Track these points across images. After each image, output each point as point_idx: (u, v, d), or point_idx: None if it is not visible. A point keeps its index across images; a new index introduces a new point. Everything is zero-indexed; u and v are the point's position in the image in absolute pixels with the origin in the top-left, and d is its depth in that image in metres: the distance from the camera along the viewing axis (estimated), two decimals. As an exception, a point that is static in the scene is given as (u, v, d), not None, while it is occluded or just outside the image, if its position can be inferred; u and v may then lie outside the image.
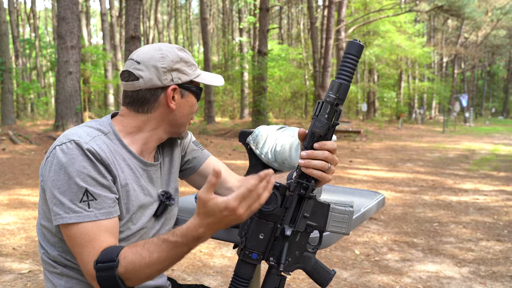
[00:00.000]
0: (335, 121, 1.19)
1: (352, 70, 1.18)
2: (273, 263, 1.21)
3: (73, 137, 1.32)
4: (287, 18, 45.58)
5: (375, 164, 11.20)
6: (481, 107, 60.85)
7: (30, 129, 15.77)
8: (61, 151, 1.30)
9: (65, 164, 1.27)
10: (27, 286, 3.42)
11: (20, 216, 5.36)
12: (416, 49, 31.70)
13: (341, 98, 1.18)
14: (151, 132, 1.47)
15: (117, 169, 1.37)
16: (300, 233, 1.23)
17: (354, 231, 5.02)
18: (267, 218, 1.19)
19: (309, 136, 1.20)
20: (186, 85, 1.47)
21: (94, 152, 1.30)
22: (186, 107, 1.48)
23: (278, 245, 1.22)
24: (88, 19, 35.04)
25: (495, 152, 14.46)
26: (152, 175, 1.51)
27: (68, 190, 1.26)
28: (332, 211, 1.23)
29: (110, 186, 1.32)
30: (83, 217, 1.25)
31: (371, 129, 24.18)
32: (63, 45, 12.71)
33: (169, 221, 1.59)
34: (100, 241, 1.25)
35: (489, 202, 6.71)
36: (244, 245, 1.20)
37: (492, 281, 3.69)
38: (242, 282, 1.21)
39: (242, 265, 1.21)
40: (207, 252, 4.27)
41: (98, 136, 1.37)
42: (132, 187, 1.41)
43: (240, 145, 15.26)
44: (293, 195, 1.21)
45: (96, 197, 1.27)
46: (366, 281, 3.67)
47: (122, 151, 1.42)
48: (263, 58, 18.17)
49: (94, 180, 1.28)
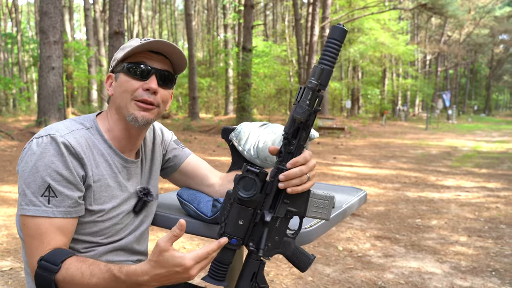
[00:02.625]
0: (316, 107, 1.17)
1: (335, 55, 1.16)
2: (252, 248, 1.21)
3: (50, 131, 1.33)
4: (272, 14, 45.60)
5: (358, 160, 11.27)
6: (464, 104, 61.49)
7: (12, 125, 15.59)
8: (36, 144, 1.31)
9: (36, 157, 1.29)
10: (8, 283, 3.38)
11: (2, 213, 5.30)
12: (400, 47, 31.94)
13: (323, 84, 1.16)
14: (111, 122, 1.47)
15: (91, 163, 1.38)
16: (280, 219, 1.23)
17: (337, 227, 5.05)
18: (246, 204, 1.19)
19: (290, 122, 1.18)
20: (116, 68, 1.45)
21: (68, 145, 1.31)
22: (118, 88, 1.43)
23: (258, 231, 1.21)
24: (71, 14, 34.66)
25: (477, 149, 14.63)
26: (132, 171, 1.52)
27: (32, 182, 1.28)
28: (313, 197, 1.23)
29: (76, 183, 1.32)
30: (40, 211, 1.27)
31: (355, 126, 24.33)
32: (46, 40, 12.56)
33: (147, 218, 1.60)
34: (50, 238, 1.27)
35: (470, 199, 6.79)
36: (223, 230, 1.20)
37: (472, 276, 3.74)
38: (222, 267, 1.21)
39: (222, 250, 1.21)
40: (190, 249, 4.27)
41: (78, 130, 1.38)
42: (106, 183, 1.42)
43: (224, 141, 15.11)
44: (273, 181, 1.20)
45: (58, 195, 1.28)
46: (349, 276, 3.69)
47: (103, 146, 1.43)
48: (247, 55, 18.15)
49: (60, 175, 1.28)
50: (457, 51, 46.51)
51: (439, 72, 48.82)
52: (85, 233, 1.40)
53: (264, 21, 41.22)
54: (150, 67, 1.41)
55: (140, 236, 1.58)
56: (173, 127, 17.99)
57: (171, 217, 1.61)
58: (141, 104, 1.41)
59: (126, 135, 1.48)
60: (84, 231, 1.40)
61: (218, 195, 1.63)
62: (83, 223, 1.39)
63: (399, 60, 37.95)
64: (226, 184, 1.65)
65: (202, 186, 1.69)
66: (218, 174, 1.74)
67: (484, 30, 49.52)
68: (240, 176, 1.17)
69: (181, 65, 1.50)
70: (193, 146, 12.95)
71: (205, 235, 1.54)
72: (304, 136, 1.19)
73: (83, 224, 1.39)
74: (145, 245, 1.64)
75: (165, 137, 1.72)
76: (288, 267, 3.81)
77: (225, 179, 1.68)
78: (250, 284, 1.24)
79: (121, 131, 1.47)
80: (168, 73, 1.46)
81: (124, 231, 1.50)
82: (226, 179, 1.67)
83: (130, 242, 1.53)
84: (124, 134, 1.47)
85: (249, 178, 1.17)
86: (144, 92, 1.41)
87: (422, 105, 54.88)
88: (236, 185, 1.17)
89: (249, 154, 1.84)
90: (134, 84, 1.40)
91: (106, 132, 1.46)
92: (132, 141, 1.50)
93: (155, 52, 1.44)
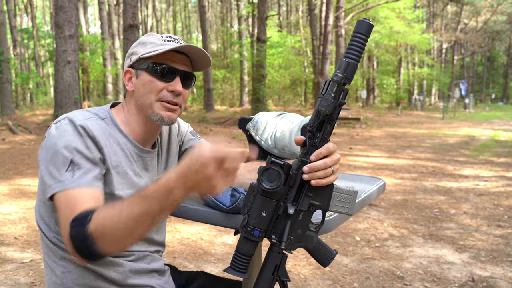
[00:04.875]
0: (341, 100, 1.17)
1: (361, 50, 1.16)
2: (275, 241, 1.21)
3: (68, 116, 1.36)
4: (286, 5, 45.36)
5: (375, 150, 11.21)
6: (481, 93, 60.78)
7: (29, 119, 15.77)
8: (55, 127, 1.34)
9: (55, 138, 1.31)
10: (29, 275, 3.43)
11: (21, 206, 5.37)
12: (415, 35, 31.62)
13: (349, 77, 1.16)
14: (128, 115, 1.48)
15: (109, 150, 1.38)
16: (303, 212, 1.22)
17: (355, 217, 5.03)
18: (270, 195, 1.18)
19: (315, 115, 1.18)
20: (138, 65, 1.45)
21: (86, 127, 1.33)
22: (140, 86, 1.44)
23: (280, 223, 1.21)
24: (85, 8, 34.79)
25: (495, 138, 14.46)
26: (148, 162, 1.53)
27: (56, 161, 1.28)
28: (336, 191, 1.23)
29: (96, 161, 1.32)
30: (67, 185, 1.24)
31: (370, 116, 24.18)
32: (61, 35, 12.64)
33: None
34: (81, 204, 1.21)
35: (489, 188, 6.72)
36: (246, 222, 1.19)
37: (492, 265, 3.70)
38: (244, 259, 1.21)
39: (244, 242, 1.20)
40: (208, 240, 4.29)
41: (93, 118, 1.40)
42: (124, 170, 1.42)
43: (240, 133, 15.27)
44: (297, 173, 1.20)
45: (82, 167, 1.28)
46: (367, 266, 3.68)
47: (118, 135, 1.45)
48: (262, 45, 18.10)
49: (80, 153, 1.29)
50: (474, 39, 45.94)
51: (455, 61, 48.22)
52: None
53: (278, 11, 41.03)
54: (175, 69, 1.43)
55: (158, 227, 1.59)
56: (188, 119, 18.04)
57: (190, 207, 1.61)
58: (167, 105, 1.43)
59: (145, 130, 1.49)
60: None
61: (236, 185, 1.62)
62: None
63: (414, 49, 37.62)
64: (244, 173, 1.64)
65: None
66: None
67: (501, 17, 48.75)
68: (264, 168, 1.16)
69: (204, 65, 1.52)
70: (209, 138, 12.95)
71: (224, 225, 1.54)
72: (329, 129, 1.19)
73: None
74: (163, 235, 1.65)
75: (182, 128, 1.72)
76: (305, 257, 3.81)
77: (243, 169, 1.66)
78: (272, 277, 1.23)
79: (140, 125, 1.48)
80: (190, 74, 1.49)
81: None
82: (244, 169, 1.66)
83: (149, 232, 1.53)
84: (143, 128, 1.48)
85: (273, 170, 1.16)
86: (169, 93, 1.43)
87: (439, 94, 54.37)
88: (260, 176, 1.16)
89: (267, 144, 1.83)
90: (159, 85, 1.42)
91: (122, 124, 1.47)
92: (149, 136, 1.52)
93: (178, 52, 1.45)
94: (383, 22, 29.49)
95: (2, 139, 11.80)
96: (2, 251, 3.89)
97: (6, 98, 18.01)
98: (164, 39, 1.44)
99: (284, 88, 30.51)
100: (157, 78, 1.42)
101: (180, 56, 1.45)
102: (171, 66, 1.42)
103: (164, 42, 1.43)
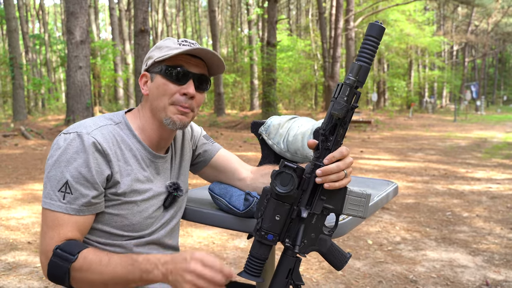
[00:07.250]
0: (354, 104, 1.17)
1: (373, 53, 1.17)
2: (288, 244, 1.21)
3: (78, 129, 1.36)
4: (296, 9, 45.39)
5: (386, 153, 11.16)
6: (493, 95, 60.33)
7: (41, 124, 15.88)
8: (63, 139, 1.35)
9: (59, 152, 1.32)
10: (43, 279, 3.45)
11: (34, 211, 5.40)
12: (425, 38, 31.48)
13: (361, 80, 1.16)
14: (143, 120, 1.49)
15: (120, 159, 1.40)
16: (316, 216, 1.22)
17: (367, 220, 5.01)
18: (283, 199, 1.18)
19: (328, 118, 1.18)
20: (153, 68, 1.46)
21: (95, 142, 1.34)
22: (154, 90, 1.44)
23: (294, 227, 1.21)
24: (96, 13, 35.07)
25: (507, 141, 14.34)
26: (160, 167, 1.53)
27: (53, 176, 1.32)
28: (349, 194, 1.23)
29: (93, 182, 1.33)
30: (55, 206, 1.31)
31: (381, 119, 24.10)
32: (73, 40, 12.74)
33: (177, 213, 1.62)
34: (66, 230, 1.31)
35: (502, 191, 6.67)
36: (260, 226, 1.20)
37: (506, 269, 3.67)
38: (257, 263, 1.21)
39: (258, 245, 1.21)
40: (220, 244, 4.29)
41: (106, 126, 1.41)
42: (136, 177, 1.44)
43: (251, 136, 15.31)
44: (310, 177, 1.20)
45: (73, 192, 1.31)
46: (379, 270, 3.66)
47: (132, 140, 1.45)
48: (272, 49, 18.12)
49: (78, 172, 1.31)
50: (485, 41, 45.63)
51: (466, 63, 47.97)
52: (116, 226, 1.42)
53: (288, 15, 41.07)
54: (188, 72, 1.43)
55: (171, 231, 1.60)
56: (199, 123, 18.07)
57: (204, 211, 1.61)
58: (180, 108, 1.43)
59: (158, 135, 1.49)
60: (116, 224, 1.42)
61: (250, 189, 1.63)
62: (114, 216, 1.41)
63: (425, 51, 37.44)
64: (257, 178, 1.64)
65: (233, 180, 1.69)
66: (249, 167, 1.73)
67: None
68: (277, 172, 1.17)
69: (218, 69, 1.52)
70: (220, 142, 13.00)
71: (237, 229, 1.55)
72: (342, 133, 1.19)
73: (114, 217, 1.41)
74: (176, 240, 1.66)
75: (195, 132, 1.72)
76: (318, 261, 3.80)
77: (256, 173, 1.67)
78: (285, 281, 1.23)
79: (154, 130, 1.48)
80: (205, 77, 1.48)
81: (154, 225, 1.51)
82: (257, 173, 1.66)
83: (162, 237, 1.54)
84: (157, 133, 1.49)
85: (286, 174, 1.16)
86: (182, 97, 1.43)
87: (450, 97, 54.01)
88: (273, 180, 1.17)
89: (279, 147, 1.84)
90: (172, 88, 1.42)
91: (137, 129, 1.48)
92: (163, 141, 1.52)
93: (193, 55, 1.45)
94: (393, 25, 29.39)
95: (15, 144, 11.90)
96: (16, 256, 3.92)
97: (18, 103, 18.16)
98: (179, 43, 1.44)
99: (294, 91, 30.50)
100: (171, 81, 1.42)
101: (195, 60, 1.45)
102: (184, 68, 1.42)
103: (179, 45, 1.43)
